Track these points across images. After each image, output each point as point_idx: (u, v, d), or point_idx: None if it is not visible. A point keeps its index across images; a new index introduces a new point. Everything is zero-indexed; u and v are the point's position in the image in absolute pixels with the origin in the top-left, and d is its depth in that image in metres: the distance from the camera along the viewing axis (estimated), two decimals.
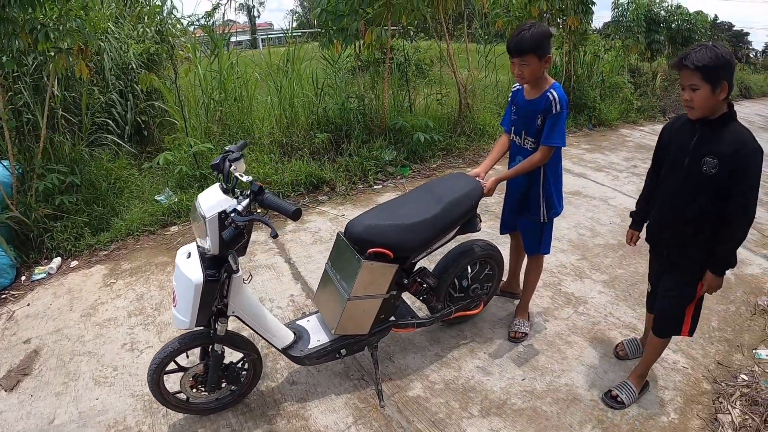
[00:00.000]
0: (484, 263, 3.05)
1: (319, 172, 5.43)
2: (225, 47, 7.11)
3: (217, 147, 5.61)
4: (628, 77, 10.82)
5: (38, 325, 3.57)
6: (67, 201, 4.66)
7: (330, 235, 4.47)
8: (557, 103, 2.61)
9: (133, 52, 6.22)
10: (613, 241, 4.45)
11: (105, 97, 5.89)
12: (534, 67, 2.56)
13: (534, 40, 2.50)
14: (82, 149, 5.18)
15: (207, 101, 6.05)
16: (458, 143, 6.73)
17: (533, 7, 8.15)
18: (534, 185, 2.85)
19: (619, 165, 6.68)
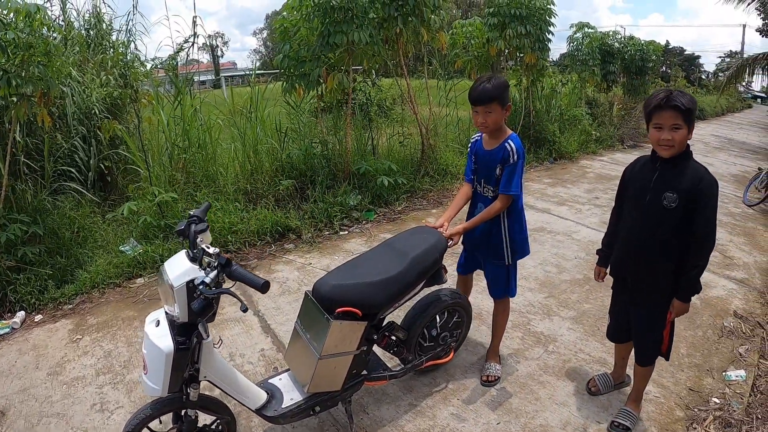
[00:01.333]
0: (453, 311, 3.08)
1: (284, 219, 5.42)
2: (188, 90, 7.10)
3: (182, 196, 5.57)
4: (586, 109, 11.13)
5: (4, 384, 3.44)
6: (30, 252, 4.51)
7: (298, 285, 4.44)
8: (514, 154, 2.73)
9: (96, 96, 6.13)
10: (579, 275, 4.53)
11: (68, 143, 5.76)
12: (497, 115, 2.69)
13: (496, 89, 2.64)
14: (45, 198, 5.04)
15: (170, 148, 6.01)
16: (422, 185, 6.83)
17: (492, 47, 8.39)
18: (497, 230, 2.92)
19: (581, 197, 6.83)
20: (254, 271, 4.75)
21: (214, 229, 5.15)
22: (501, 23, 8.23)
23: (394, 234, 5.00)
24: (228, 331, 3.85)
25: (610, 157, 10.02)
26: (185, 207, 5.41)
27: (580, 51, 11.55)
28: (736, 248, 5.52)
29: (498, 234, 2.93)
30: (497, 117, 2.70)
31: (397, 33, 6.01)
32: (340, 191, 5.88)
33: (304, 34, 5.96)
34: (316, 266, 4.77)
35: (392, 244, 2.76)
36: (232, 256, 5.08)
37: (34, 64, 4.18)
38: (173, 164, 5.92)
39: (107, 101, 6.15)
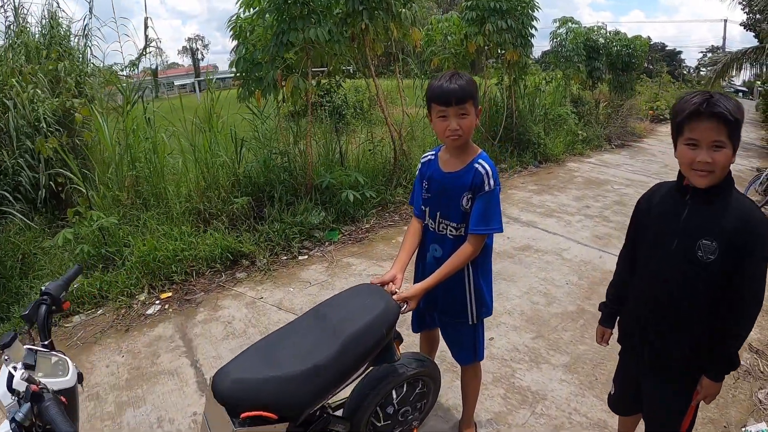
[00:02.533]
0: (415, 382, 2.37)
1: (236, 244, 4.76)
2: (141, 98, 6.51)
3: (125, 219, 4.96)
4: (571, 108, 10.60)
5: None
6: None
7: (245, 326, 3.80)
8: (490, 177, 2.09)
9: (46, 108, 5.51)
10: (571, 306, 3.90)
11: (11, 161, 5.19)
12: (472, 119, 2.09)
13: (470, 84, 2.07)
14: None
15: (116, 165, 5.36)
16: (394, 197, 6.14)
17: (470, 43, 7.82)
18: (458, 282, 2.24)
19: (570, 207, 6.24)
20: (199, 308, 4.15)
21: (156, 258, 4.51)
22: (480, 18, 7.64)
23: (359, 257, 4.33)
24: (159, 387, 3.24)
25: (599, 158, 9.48)
26: (130, 232, 4.78)
27: (564, 47, 11.06)
28: None
29: (460, 286, 2.26)
30: (472, 122, 2.08)
31: (363, 29, 5.37)
32: (301, 208, 5.23)
33: (260, 33, 5.34)
34: (268, 301, 4.13)
35: (323, 314, 2.03)
36: (177, 288, 4.44)
37: None
38: (119, 183, 5.28)
39: (59, 113, 5.54)
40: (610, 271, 4.44)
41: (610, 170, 8.52)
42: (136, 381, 3.34)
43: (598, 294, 4.06)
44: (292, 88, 5.01)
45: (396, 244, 5.15)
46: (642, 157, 10.06)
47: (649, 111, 17.09)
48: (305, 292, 4.22)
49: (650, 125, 15.37)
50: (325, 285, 4.32)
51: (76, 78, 6.28)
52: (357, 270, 4.59)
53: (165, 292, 4.41)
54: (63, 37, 6.71)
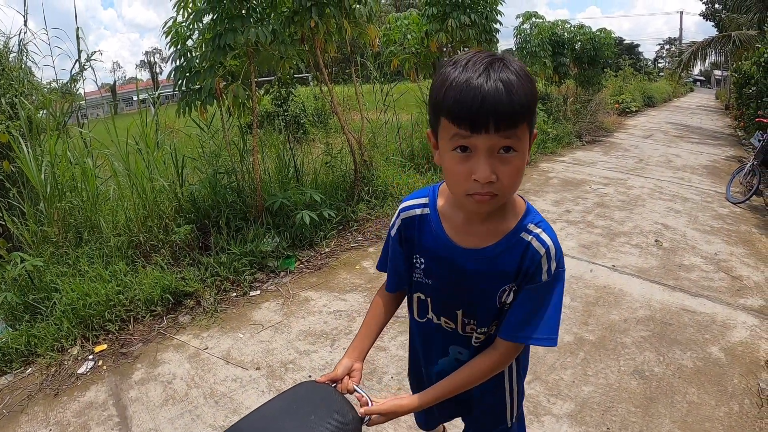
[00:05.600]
0: None
1: (179, 283, 4.10)
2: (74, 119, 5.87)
3: (53, 259, 4.30)
4: (539, 105, 10.21)
5: None
6: None
7: (187, 387, 3.16)
8: (551, 259, 1.22)
9: None
10: (568, 337, 3.36)
11: None
12: (523, 156, 1.10)
13: (529, 88, 1.06)
14: None
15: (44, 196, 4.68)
16: (356, 214, 5.51)
17: (432, 41, 7.34)
18: (498, 384, 1.51)
19: (550, 213, 5.74)
20: (136, 363, 3.54)
21: (87, 304, 3.87)
22: (441, 13, 7.18)
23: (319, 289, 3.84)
24: None
25: (571, 156, 9.07)
26: (61, 273, 4.14)
27: (529, 43, 10.72)
28: (740, 263, 4.55)
29: (500, 389, 1.53)
30: (521, 164, 1.11)
31: (312, 28, 4.78)
32: (251, 235, 4.57)
33: (199, 39, 4.72)
34: (214, 351, 3.50)
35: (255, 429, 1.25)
36: (112, 339, 3.80)
37: None
38: (48, 218, 4.61)
39: None
40: (604, 287, 3.99)
41: (586, 169, 8.11)
42: None
43: (595, 317, 3.58)
44: (232, 98, 4.40)
45: (360, 270, 4.55)
46: (615, 153, 9.70)
47: (615, 104, 16.97)
48: (257, 338, 3.59)
49: (618, 119, 15.22)
50: (280, 328, 3.70)
51: (11, 99, 5.66)
52: (316, 306, 3.97)
53: (99, 345, 3.76)
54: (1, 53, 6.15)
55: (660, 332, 3.39)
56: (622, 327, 3.46)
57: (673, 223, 5.53)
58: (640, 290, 3.97)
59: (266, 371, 3.21)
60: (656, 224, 5.46)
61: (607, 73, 17.33)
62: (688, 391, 2.85)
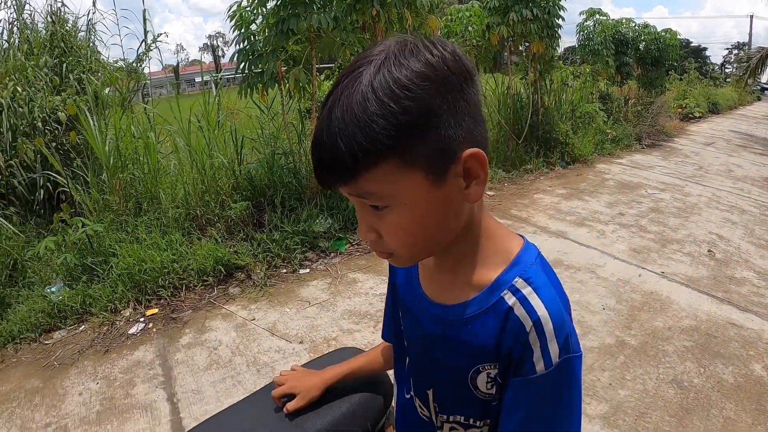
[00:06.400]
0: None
1: (231, 256, 4.27)
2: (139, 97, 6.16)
3: (114, 225, 4.55)
4: (600, 105, 10.00)
5: None
6: None
7: (231, 354, 3.32)
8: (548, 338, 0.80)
9: (42, 106, 5.22)
10: (609, 339, 3.35)
11: (5, 162, 4.93)
12: (405, 207, 0.78)
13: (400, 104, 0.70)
14: None
15: (107, 167, 4.95)
16: None
17: (493, 35, 7.31)
18: None
19: (603, 214, 5.66)
20: (185, 328, 3.72)
21: (142, 270, 4.09)
22: (503, 6, 7.14)
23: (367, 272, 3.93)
24: (130, 425, 2.79)
25: (629, 159, 8.87)
26: (119, 240, 4.37)
27: (591, 40, 10.47)
28: None
29: None
30: (402, 218, 0.79)
31: (374, 16, 4.85)
32: (304, 215, 4.71)
33: (263, 25, 4.86)
34: (260, 323, 3.65)
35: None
36: (164, 304, 4.00)
37: None
38: (110, 187, 4.87)
39: (59, 111, 5.22)
40: (651, 292, 3.93)
41: (643, 172, 7.93)
42: (107, 415, 2.93)
43: (639, 322, 3.53)
44: (294, 82, 4.52)
45: None
46: (675, 158, 9.43)
47: (678, 109, 16.42)
48: (302, 314, 3.72)
49: (680, 123, 14.72)
50: (326, 305, 3.82)
51: (79, 75, 6.00)
52: (363, 288, 4.07)
53: (151, 308, 3.98)
54: (68, 33, 6.49)
55: (703, 344, 3.33)
56: (665, 335, 3.42)
57: (728, 234, 5.37)
58: (687, 299, 3.89)
59: (309, 345, 3.33)
60: (711, 234, 5.31)
61: (672, 76, 16.78)
62: (726, 406, 2.80)
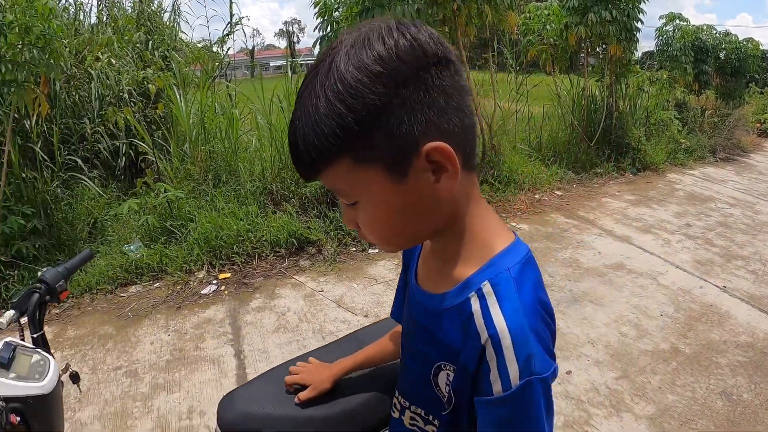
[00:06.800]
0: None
1: (304, 231, 4.53)
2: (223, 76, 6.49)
3: (193, 194, 4.89)
4: (675, 113, 9.75)
5: None
6: (25, 248, 4.12)
7: (298, 320, 3.56)
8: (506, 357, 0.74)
9: (129, 80, 5.67)
10: (664, 344, 3.40)
11: (92, 129, 5.38)
12: (370, 204, 0.79)
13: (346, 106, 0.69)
14: (54, 188, 4.68)
15: (191, 139, 5.30)
16: None
17: (570, 34, 7.26)
18: None
19: (669, 224, 5.62)
20: (255, 293, 3.98)
21: (219, 236, 4.38)
22: (583, 6, 7.05)
23: None
24: (198, 375, 3.08)
25: (702, 171, 8.65)
26: (197, 207, 4.69)
27: (670, 46, 10.18)
28: None
29: None
30: (369, 214, 0.81)
31: (455, 10, 4.97)
32: None
33: (346, 11, 5.07)
34: (328, 294, 3.88)
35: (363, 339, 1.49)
36: (236, 270, 4.28)
37: (28, 47, 3.76)
38: (192, 157, 5.21)
39: (144, 85, 5.63)
40: (710, 305, 3.94)
41: (714, 186, 7.74)
42: (176, 364, 3.22)
43: (695, 332, 3.56)
44: None
45: None
46: (749, 174, 9.13)
47: (757, 123, 15.74)
48: (369, 290, 3.93)
49: (757, 139, 14.10)
50: (392, 284, 4.01)
51: (164, 52, 6.39)
52: None
53: (224, 273, 4.28)
54: (154, 12, 6.88)
55: (757, 361, 3.32)
56: (720, 347, 3.43)
57: None
58: (746, 316, 3.86)
59: (372, 319, 3.53)
60: None
61: (752, 89, 16.07)
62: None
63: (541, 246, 4.77)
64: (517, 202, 5.77)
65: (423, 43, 0.72)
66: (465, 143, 0.78)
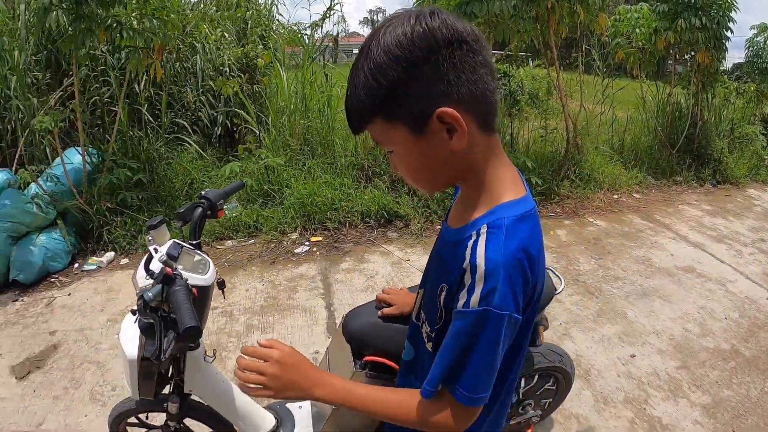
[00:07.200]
0: (547, 376, 2.31)
1: (393, 205, 4.92)
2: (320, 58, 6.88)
3: (291, 163, 5.34)
4: (761, 128, 9.51)
5: (68, 319, 3.58)
6: (130, 198, 4.68)
7: (386, 282, 3.95)
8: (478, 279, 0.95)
9: (229, 55, 6.16)
10: (725, 345, 3.60)
11: (195, 97, 5.91)
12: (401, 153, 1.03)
13: (371, 88, 0.95)
14: (158, 147, 5.26)
15: (290, 113, 5.75)
16: (560, 189, 5.92)
17: (659, 39, 7.25)
18: None
19: (744, 237, 5.68)
20: (345, 257, 4.37)
21: (314, 202, 4.80)
22: (672, 12, 7.01)
23: None
24: (290, 320, 3.50)
25: None
26: (293, 175, 5.13)
27: (760, 58, 9.82)
28: None
29: None
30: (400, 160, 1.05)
31: (549, 9, 5.16)
32: None
33: (443, 3, 5.34)
34: (414, 264, 4.26)
35: None
36: (328, 235, 4.70)
37: (147, 17, 4.19)
38: (291, 130, 5.67)
39: (242, 60, 6.11)
40: None
41: None
42: (270, 309, 3.61)
43: (757, 338, 3.71)
44: None
45: (553, 235, 5.05)
46: None
47: None
48: None
49: None
50: None
51: (262, 31, 6.86)
52: None
53: (316, 236, 4.72)
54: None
55: None
56: None
57: None
58: None
59: None
60: None
61: None
62: None
63: (616, 242, 4.96)
64: (595, 200, 5.94)
65: (434, 29, 0.90)
66: (479, 109, 0.97)
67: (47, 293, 3.96)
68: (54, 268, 4.22)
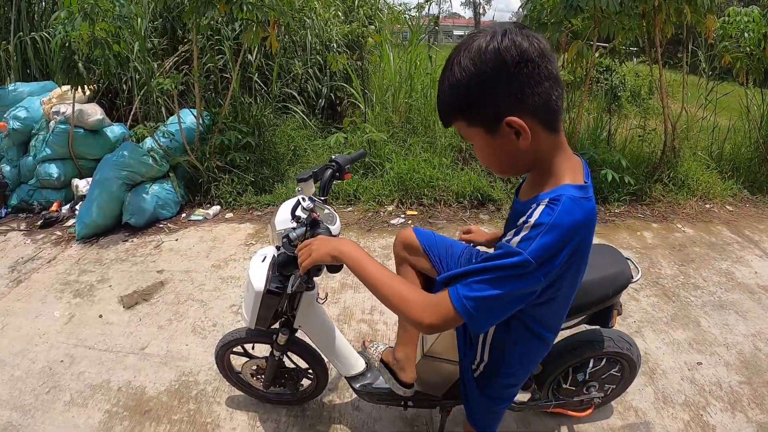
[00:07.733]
0: (614, 361, 2.44)
1: (487, 189, 5.09)
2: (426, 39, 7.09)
3: (393, 139, 5.64)
4: None
5: (175, 261, 4.02)
6: (238, 158, 5.10)
7: None
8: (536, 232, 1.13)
9: (337, 31, 6.51)
10: None
11: (302, 70, 6.31)
12: (480, 147, 1.28)
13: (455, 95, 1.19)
14: (267, 113, 5.66)
15: (395, 91, 6.02)
16: (652, 191, 5.83)
17: None
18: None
19: None
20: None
21: (412, 178, 5.06)
22: None
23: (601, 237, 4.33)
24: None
25: None
26: (393, 150, 5.38)
27: None
28: None
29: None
30: (480, 153, 1.30)
31: (656, 7, 5.13)
32: None
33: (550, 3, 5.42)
34: None
35: None
36: (423, 210, 4.93)
37: None
38: (394, 107, 5.93)
39: (349, 37, 6.41)
40: None
41: None
42: None
43: None
44: (576, 53, 5.06)
45: (639, 236, 5.00)
46: None
47: None
48: None
49: None
50: None
51: (368, 10, 7.14)
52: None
53: (411, 210, 4.98)
54: None
55: None
56: None
57: None
58: None
59: None
60: None
61: None
62: None
63: (701, 252, 4.84)
64: (686, 206, 5.80)
65: (503, 49, 1.09)
66: (543, 115, 1.17)
67: (156, 237, 4.44)
68: (163, 216, 4.76)
